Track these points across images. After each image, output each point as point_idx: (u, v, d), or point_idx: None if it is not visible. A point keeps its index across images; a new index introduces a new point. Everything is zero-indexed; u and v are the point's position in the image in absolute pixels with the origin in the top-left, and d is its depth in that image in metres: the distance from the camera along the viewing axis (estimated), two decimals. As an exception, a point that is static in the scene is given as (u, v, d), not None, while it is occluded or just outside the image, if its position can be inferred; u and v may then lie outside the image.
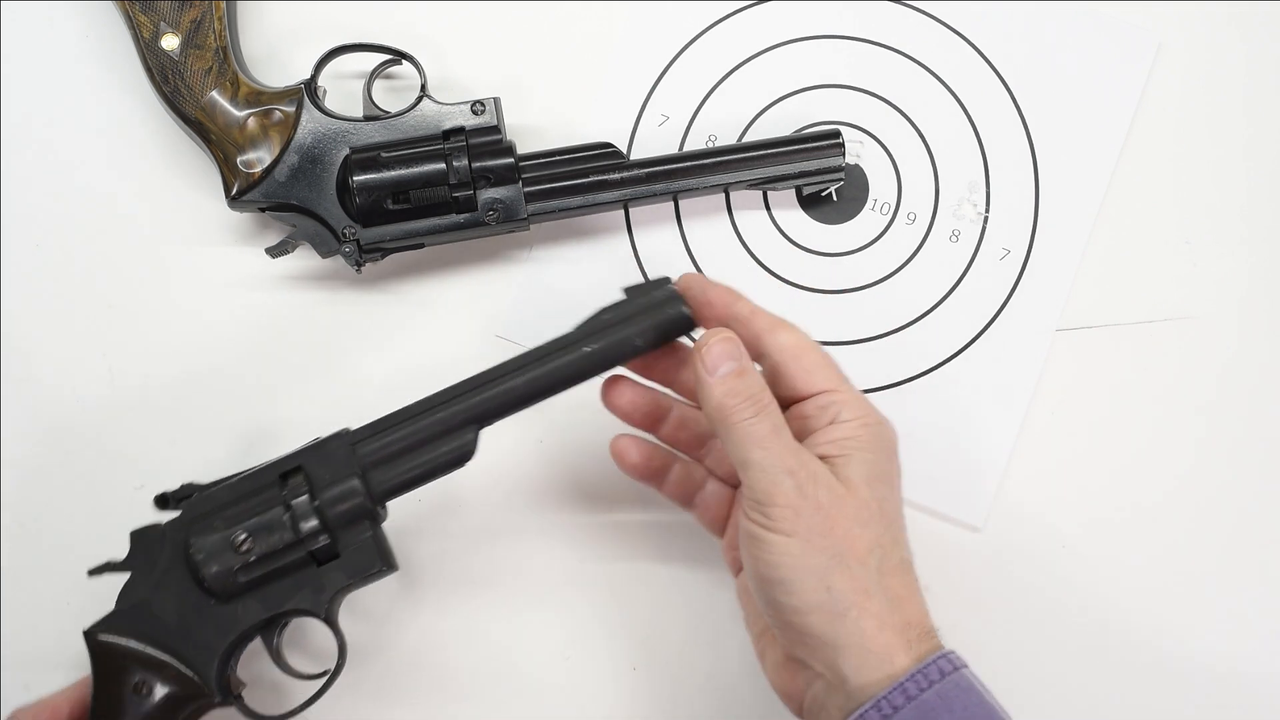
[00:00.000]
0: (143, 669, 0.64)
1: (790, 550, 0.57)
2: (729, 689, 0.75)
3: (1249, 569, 0.75)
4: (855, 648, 0.57)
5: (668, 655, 0.75)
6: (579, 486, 0.76)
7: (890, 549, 0.59)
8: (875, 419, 0.61)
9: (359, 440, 0.64)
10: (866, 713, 0.56)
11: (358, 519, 0.64)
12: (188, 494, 0.66)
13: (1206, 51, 0.78)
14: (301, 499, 0.63)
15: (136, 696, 0.63)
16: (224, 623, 0.64)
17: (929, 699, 0.55)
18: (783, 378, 0.62)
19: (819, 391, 0.61)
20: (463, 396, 0.64)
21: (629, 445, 0.68)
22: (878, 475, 0.60)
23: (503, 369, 0.64)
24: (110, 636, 0.64)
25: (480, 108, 0.72)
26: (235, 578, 0.63)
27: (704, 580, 0.75)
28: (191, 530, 0.64)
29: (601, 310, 0.65)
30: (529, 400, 0.64)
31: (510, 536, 0.75)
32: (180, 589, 0.64)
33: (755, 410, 0.59)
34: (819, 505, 0.58)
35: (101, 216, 0.77)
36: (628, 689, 0.75)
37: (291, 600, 0.64)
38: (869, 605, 0.57)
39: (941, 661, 0.57)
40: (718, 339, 0.61)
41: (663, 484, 0.69)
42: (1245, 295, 0.77)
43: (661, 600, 0.75)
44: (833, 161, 0.74)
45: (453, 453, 0.64)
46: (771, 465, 0.58)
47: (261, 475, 0.65)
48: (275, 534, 0.63)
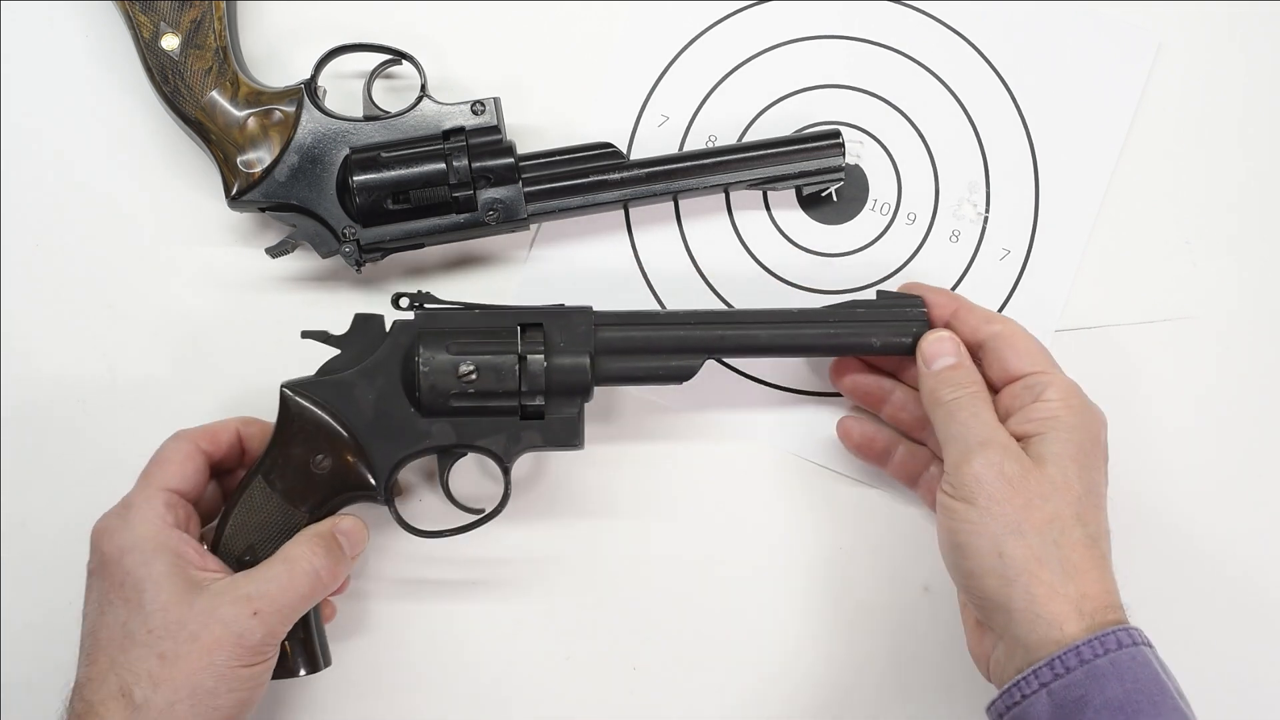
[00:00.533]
0: (324, 441, 0.67)
1: (969, 517, 0.62)
2: (729, 689, 0.75)
3: (1249, 569, 0.75)
4: (1025, 612, 0.61)
5: (668, 655, 0.75)
6: (580, 487, 0.76)
7: (1071, 524, 0.62)
8: (1079, 402, 0.66)
9: (603, 323, 0.68)
10: (1040, 669, 0.59)
11: (574, 393, 0.67)
12: (425, 300, 0.69)
13: (1206, 51, 0.78)
14: (536, 356, 0.67)
15: (308, 461, 0.67)
16: (416, 434, 0.67)
17: (1101, 665, 0.59)
18: (997, 361, 0.68)
19: (1029, 372, 0.66)
20: (705, 324, 0.69)
21: (852, 425, 0.74)
22: (1072, 454, 0.64)
23: (749, 315, 0.70)
24: (306, 400, 0.67)
25: (480, 108, 0.72)
26: (448, 401, 0.67)
27: (704, 581, 0.76)
28: (423, 340, 0.67)
29: (854, 301, 0.70)
30: (763, 352, 0.70)
31: (510, 536, 0.75)
32: (388, 387, 0.67)
33: (961, 393, 0.66)
34: (1003, 476, 0.62)
35: (101, 216, 0.77)
36: (628, 689, 0.75)
37: (485, 439, 0.68)
38: (1040, 573, 0.61)
39: (1121, 634, 0.60)
40: (937, 337, 0.68)
41: (887, 464, 0.73)
42: (1245, 295, 0.77)
43: (662, 600, 0.75)
44: (833, 161, 0.74)
45: (677, 370, 0.69)
46: (965, 438, 0.64)
47: (502, 317, 0.68)
48: (501, 379, 0.66)
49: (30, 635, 0.74)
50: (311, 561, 0.64)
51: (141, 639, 0.61)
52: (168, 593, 0.61)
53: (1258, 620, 0.75)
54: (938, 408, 0.66)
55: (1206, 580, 0.75)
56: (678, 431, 0.76)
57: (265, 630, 0.62)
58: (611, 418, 0.76)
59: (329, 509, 0.68)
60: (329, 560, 0.65)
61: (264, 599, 0.62)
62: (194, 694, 0.61)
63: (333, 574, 0.65)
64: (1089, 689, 0.58)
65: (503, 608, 0.75)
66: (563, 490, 0.76)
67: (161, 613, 0.61)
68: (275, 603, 0.63)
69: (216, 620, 0.61)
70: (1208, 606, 0.75)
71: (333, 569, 0.65)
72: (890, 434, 0.73)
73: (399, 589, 0.75)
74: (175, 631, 0.61)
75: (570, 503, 0.76)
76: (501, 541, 0.75)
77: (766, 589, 0.75)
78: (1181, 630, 0.74)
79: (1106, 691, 0.58)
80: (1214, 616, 0.75)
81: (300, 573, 0.64)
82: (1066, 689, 0.59)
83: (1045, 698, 0.59)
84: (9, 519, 0.75)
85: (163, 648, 0.60)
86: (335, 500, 0.68)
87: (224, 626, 0.61)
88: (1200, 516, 0.76)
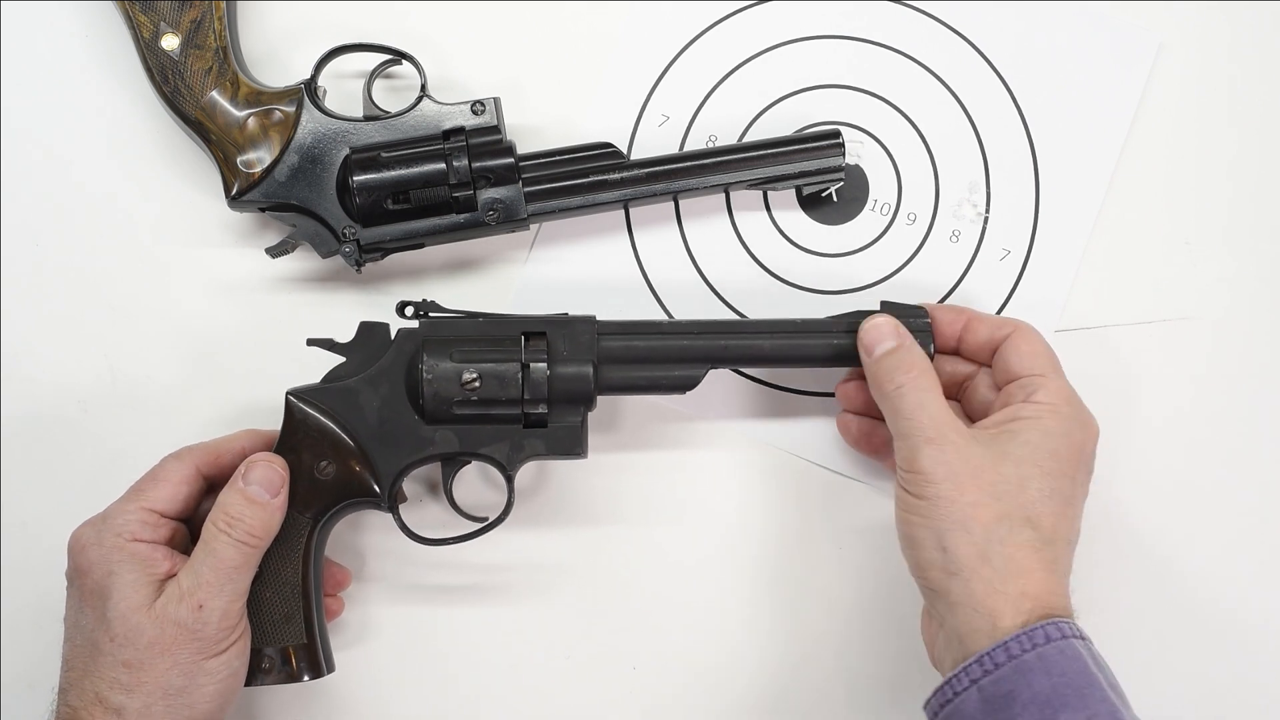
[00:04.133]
0: (329, 448, 0.67)
1: (919, 510, 0.63)
2: (729, 689, 0.75)
3: (1247, 568, 0.75)
4: (963, 606, 0.61)
5: (668, 655, 0.75)
6: (581, 489, 0.76)
7: (1019, 525, 0.62)
8: (1068, 410, 0.65)
9: (605, 333, 0.68)
10: (970, 666, 0.60)
11: (577, 402, 0.68)
12: (429, 309, 0.69)
13: (1206, 51, 0.78)
14: (539, 364, 0.67)
15: (313, 468, 0.67)
16: (419, 441, 0.68)
17: (1029, 659, 0.59)
18: (1003, 363, 0.68)
19: (1028, 374, 0.66)
20: (708, 334, 0.69)
21: (851, 420, 0.73)
22: (1037, 458, 0.63)
23: (751, 325, 0.70)
24: (311, 407, 0.67)
25: (480, 108, 0.72)
26: (451, 408, 0.67)
27: (704, 581, 0.76)
28: (427, 348, 0.67)
29: (857, 311, 0.70)
30: (766, 362, 0.70)
31: (513, 542, 0.75)
32: (392, 394, 0.68)
33: (903, 381, 0.65)
34: (951, 474, 0.62)
35: (101, 216, 0.77)
36: (628, 689, 0.75)
37: (488, 447, 0.68)
38: (981, 570, 0.61)
39: (1049, 628, 0.60)
40: (873, 324, 0.68)
41: (885, 459, 0.73)
42: (1245, 295, 0.77)
43: (662, 599, 0.75)
44: (833, 161, 0.74)
45: (680, 380, 0.69)
46: (913, 434, 0.64)
47: (506, 325, 0.68)
48: (504, 386, 0.67)
49: (30, 635, 0.74)
50: (228, 533, 0.63)
51: (106, 648, 0.62)
52: (129, 602, 0.62)
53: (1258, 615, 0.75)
54: (884, 399, 0.66)
55: (1207, 580, 0.75)
56: (677, 433, 0.76)
57: (218, 616, 0.62)
58: (615, 425, 0.76)
59: (334, 515, 0.68)
60: (246, 520, 0.64)
61: (201, 589, 0.62)
62: (166, 694, 0.61)
63: (258, 529, 0.64)
64: (1016, 683, 0.59)
65: (503, 609, 0.75)
66: (565, 496, 0.76)
67: (122, 620, 0.62)
68: (212, 587, 0.62)
69: (169, 621, 0.62)
70: (1208, 607, 0.75)
71: (255, 525, 0.64)
72: (888, 429, 0.73)
73: (402, 594, 0.75)
74: (135, 639, 0.61)
75: (571, 505, 0.76)
76: (504, 547, 0.75)
77: (766, 589, 0.75)
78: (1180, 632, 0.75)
79: (1034, 685, 0.58)
80: (1214, 616, 0.75)
81: (220, 548, 0.63)
82: (995, 684, 0.59)
83: (976, 694, 0.60)
84: (9, 519, 0.75)
85: (126, 655, 0.61)
86: (339, 507, 0.68)
87: (177, 626, 0.62)
88: (1200, 516, 0.76)
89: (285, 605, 0.67)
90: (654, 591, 0.76)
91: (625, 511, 0.76)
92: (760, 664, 0.75)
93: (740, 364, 0.70)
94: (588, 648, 0.75)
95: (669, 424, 0.76)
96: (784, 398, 0.77)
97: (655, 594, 0.75)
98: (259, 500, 0.65)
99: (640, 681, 0.75)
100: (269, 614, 0.66)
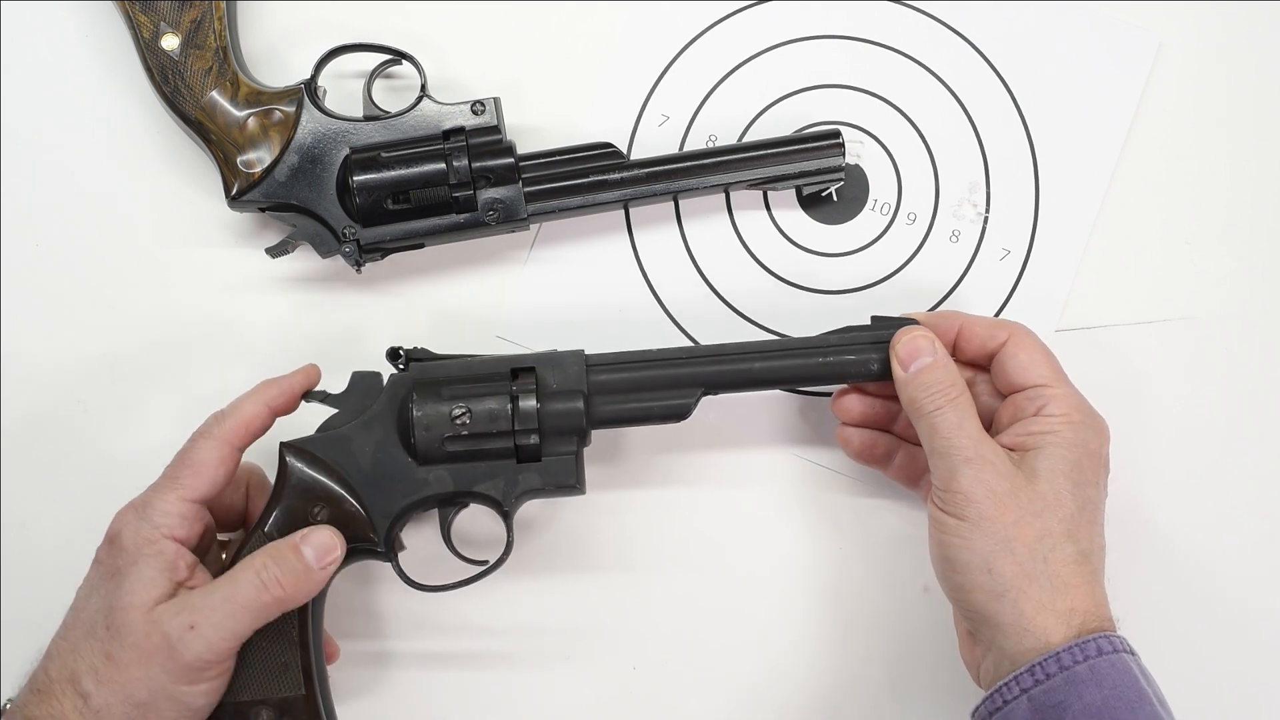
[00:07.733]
0: (323, 496, 0.66)
1: (960, 532, 0.62)
2: (729, 689, 0.75)
3: (1247, 569, 0.75)
4: (1012, 626, 0.61)
5: (668, 655, 0.75)
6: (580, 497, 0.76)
7: (1061, 540, 0.62)
8: (1080, 418, 0.65)
9: (594, 365, 0.68)
10: (1021, 675, 0.60)
11: (569, 434, 0.67)
12: (420, 356, 0.69)
13: (1206, 51, 0.78)
14: (529, 398, 0.66)
15: (306, 516, 0.66)
16: (413, 483, 0.67)
17: (1081, 671, 0.59)
18: (1003, 372, 0.67)
19: (1033, 385, 0.65)
20: (699, 360, 0.68)
21: (851, 434, 0.72)
22: (1066, 470, 0.63)
23: (742, 348, 0.68)
24: (305, 460, 0.67)
25: (480, 108, 0.72)
26: (443, 445, 0.66)
27: (703, 581, 0.76)
28: (417, 390, 0.67)
29: (848, 327, 0.69)
30: (758, 385, 0.69)
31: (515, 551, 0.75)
32: (384, 439, 0.67)
33: (942, 403, 0.64)
34: (992, 493, 0.62)
35: (101, 216, 0.77)
36: (628, 689, 0.75)
37: (483, 485, 0.67)
38: (1029, 589, 0.61)
39: (1101, 640, 0.60)
40: (912, 334, 0.66)
41: (888, 468, 0.72)
42: (1245, 295, 0.77)
43: (661, 600, 0.75)
44: (833, 161, 0.74)
45: (673, 407, 0.68)
46: (952, 454, 0.63)
47: (495, 363, 0.68)
48: (493, 419, 0.66)
49: (30, 635, 0.74)
50: (259, 573, 0.62)
51: (100, 633, 0.61)
52: (138, 596, 0.61)
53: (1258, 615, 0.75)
54: (920, 419, 0.65)
55: (1205, 582, 0.75)
56: (677, 434, 0.76)
57: (203, 645, 0.60)
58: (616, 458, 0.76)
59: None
60: (281, 570, 0.62)
61: (201, 612, 0.61)
62: (127, 702, 0.61)
63: (289, 585, 0.63)
64: (1068, 694, 0.58)
65: (503, 611, 0.75)
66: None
67: (123, 611, 0.61)
68: (213, 616, 0.61)
69: (158, 630, 0.61)
70: (1208, 606, 0.75)
71: (287, 579, 0.63)
72: (890, 439, 0.73)
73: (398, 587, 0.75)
74: (124, 635, 0.61)
75: (573, 506, 0.76)
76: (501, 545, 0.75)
77: (766, 589, 0.75)
78: (1180, 633, 0.75)
79: (1085, 697, 0.58)
80: (1213, 616, 0.75)
81: (243, 583, 0.62)
82: (1046, 694, 0.59)
83: (1026, 703, 0.59)
84: (9, 519, 0.75)
85: (111, 648, 0.61)
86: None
87: (162, 637, 0.60)
88: (1200, 516, 0.75)
89: (283, 656, 0.65)
90: (652, 586, 0.75)
91: (623, 507, 0.76)
92: (760, 660, 0.75)
93: (732, 388, 0.69)
94: (586, 645, 0.75)
95: (674, 455, 0.76)
96: (781, 396, 0.76)
97: (653, 589, 0.75)
98: (305, 560, 0.64)
99: (640, 681, 0.75)
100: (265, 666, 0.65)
